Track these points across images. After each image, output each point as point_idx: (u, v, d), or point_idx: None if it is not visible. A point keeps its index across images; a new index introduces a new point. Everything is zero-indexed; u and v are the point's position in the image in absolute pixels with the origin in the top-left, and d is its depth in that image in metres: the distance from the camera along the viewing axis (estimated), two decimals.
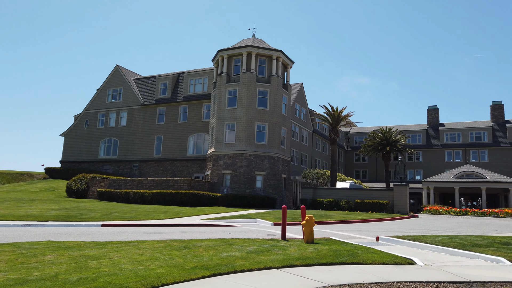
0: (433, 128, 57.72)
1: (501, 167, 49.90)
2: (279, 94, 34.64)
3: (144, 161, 41.74)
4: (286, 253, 8.60)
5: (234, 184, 32.13)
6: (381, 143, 46.40)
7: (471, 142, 53.59)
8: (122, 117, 44.41)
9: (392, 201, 29.97)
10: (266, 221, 18.85)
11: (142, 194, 29.75)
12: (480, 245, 10.30)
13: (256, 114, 33.31)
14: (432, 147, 55.57)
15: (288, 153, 36.55)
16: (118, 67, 46.21)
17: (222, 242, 10.08)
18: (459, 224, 21.17)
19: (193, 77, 41.23)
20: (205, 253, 8.27)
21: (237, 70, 34.61)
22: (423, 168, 55.34)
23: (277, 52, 34.58)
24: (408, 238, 11.84)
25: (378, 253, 8.96)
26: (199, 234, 13.14)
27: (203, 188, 31.53)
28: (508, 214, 32.18)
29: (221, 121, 33.88)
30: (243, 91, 33.54)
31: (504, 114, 54.85)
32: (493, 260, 8.70)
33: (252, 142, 32.85)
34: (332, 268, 7.40)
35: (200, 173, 38.16)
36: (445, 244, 10.42)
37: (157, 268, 6.69)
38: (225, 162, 32.94)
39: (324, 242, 10.56)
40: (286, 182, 35.27)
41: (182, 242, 10.02)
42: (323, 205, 31.22)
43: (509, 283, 6.56)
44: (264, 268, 7.11)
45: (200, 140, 39.36)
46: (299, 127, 45.11)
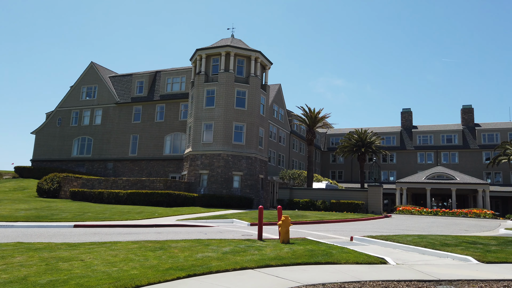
0: (407, 130, 59.25)
1: (471, 169, 51.75)
2: (257, 95, 34.73)
3: (119, 160, 40.96)
4: (262, 253, 8.64)
5: (211, 184, 31.99)
6: (356, 145, 47.26)
7: (443, 144, 55.33)
8: (97, 115, 43.44)
9: (366, 202, 30.57)
10: (243, 221, 18.87)
11: (117, 194, 29.19)
12: (449, 245, 10.65)
13: (234, 114, 33.28)
14: (405, 149, 57.03)
15: (266, 154, 36.69)
16: (93, 64, 45.18)
17: (198, 242, 10.03)
18: (430, 224, 21.81)
19: (170, 76, 40.79)
20: (181, 254, 8.21)
21: (216, 69, 34.48)
22: (396, 169, 56.71)
23: (256, 53, 34.66)
24: (381, 238, 12.11)
25: (352, 252, 9.12)
26: (174, 234, 13.01)
27: (179, 188, 31.23)
28: (476, 214, 33.40)
29: (198, 121, 33.66)
30: (221, 91, 33.45)
31: (473, 117, 56.88)
32: (461, 259, 9.01)
33: (229, 142, 32.79)
34: (307, 268, 7.49)
35: (176, 173, 37.80)
36: (416, 244, 10.72)
37: (131, 270, 6.59)
38: (202, 162, 32.75)
39: (300, 242, 10.67)
40: (264, 182, 35.40)
41: (157, 243, 9.90)
42: (299, 205, 31.51)
43: (476, 281, 6.82)
44: (240, 268, 7.12)
45: (177, 140, 38.97)
46: (277, 127, 45.36)
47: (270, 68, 37.45)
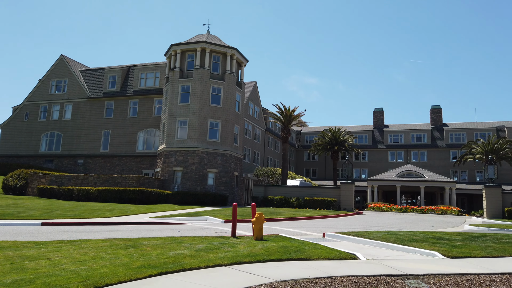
0: (378, 129, 60.66)
1: (438, 167, 53.60)
2: (233, 92, 34.64)
3: (90, 156, 39.92)
4: (236, 250, 8.65)
5: (186, 181, 31.71)
6: (330, 143, 47.99)
7: (412, 143, 57.01)
8: (67, 110, 42.13)
9: (339, 199, 31.13)
10: (217, 218, 18.82)
11: (87, 191, 28.46)
12: (417, 240, 11.01)
13: (209, 111, 33.07)
14: (377, 147, 58.40)
15: (241, 151, 36.69)
16: (63, 57, 43.74)
17: (171, 240, 9.93)
18: (399, 221, 22.45)
19: (144, 71, 40.05)
20: (153, 252, 8.11)
21: (191, 65, 34.13)
22: (368, 167, 58.00)
23: (232, 50, 34.53)
24: (352, 234, 12.37)
25: (324, 248, 9.28)
26: (147, 232, 12.83)
27: (152, 186, 30.78)
28: (443, 211, 34.65)
29: (173, 117, 33.25)
30: (196, 87, 33.15)
31: (442, 117, 58.91)
32: (428, 254, 9.33)
33: (204, 139, 32.58)
34: (280, 264, 7.55)
35: (150, 170, 37.22)
36: (386, 240, 11.02)
37: (101, 268, 6.45)
38: (176, 159, 32.39)
39: (273, 239, 10.75)
40: (238, 179, 35.40)
41: (128, 240, 9.73)
42: (274, 203, 31.72)
43: (442, 275, 7.09)
44: (213, 265, 7.11)
45: (151, 136, 38.37)
46: (252, 125, 45.42)
47: (246, 66, 37.42)
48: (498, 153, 41.29)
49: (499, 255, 9.09)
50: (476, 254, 9.06)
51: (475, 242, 10.87)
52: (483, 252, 9.29)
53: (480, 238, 11.78)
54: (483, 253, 9.23)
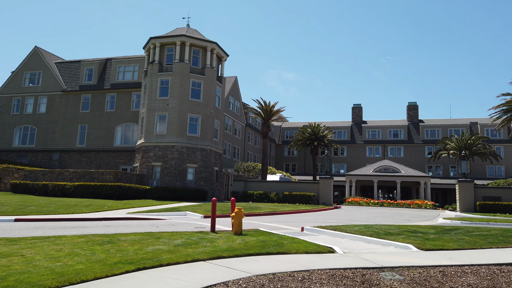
0: (357, 125, 61.59)
1: (414, 162, 54.92)
2: (213, 87, 34.43)
3: (65, 151, 38.97)
4: (215, 245, 8.65)
5: (165, 176, 31.40)
6: (310, 138, 48.42)
7: (390, 139, 58.16)
8: (41, 103, 40.92)
9: (318, 193, 31.49)
10: (196, 213, 18.74)
11: (63, 187, 27.80)
12: (392, 234, 11.27)
13: (189, 105, 32.78)
14: (355, 143, 59.31)
15: (221, 146, 36.57)
16: (37, 49, 42.40)
17: (149, 235, 9.84)
18: (376, 215, 22.93)
19: (122, 64, 39.27)
20: (130, 247, 8.01)
21: (170, 59, 33.69)
22: (347, 162, 58.87)
23: (212, 44, 34.26)
24: (330, 228, 12.56)
25: (302, 242, 9.38)
26: (124, 228, 12.66)
27: (131, 181, 30.35)
28: (419, 205, 35.58)
29: (152, 111, 32.80)
30: (176, 82, 32.77)
31: (418, 114, 60.30)
32: (403, 247, 9.57)
33: (184, 134, 32.30)
34: (258, 258, 7.60)
35: (128, 165, 36.65)
36: (363, 233, 11.24)
37: (76, 264, 6.34)
38: (155, 153, 32.01)
39: (252, 234, 10.79)
40: (218, 174, 35.31)
41: (105, 236, 9.59)
42: (253, 198, 31.81)
43: (415, 267, 7.29)
44: (192, 260, 7.08)
45: (129, 131, 37.74)
46: (233, 120, 45.31)
47: (226, 60, 37.22)
48: (471, 148, 42.62)
49: (470, 248, 9.42)
50: (449, 247, 9.35)
51: (447, 235, 11.22)
52: (455, 245, 9.60)
53: (452, 231, 12.16)
54: (455, 245, 9.54)
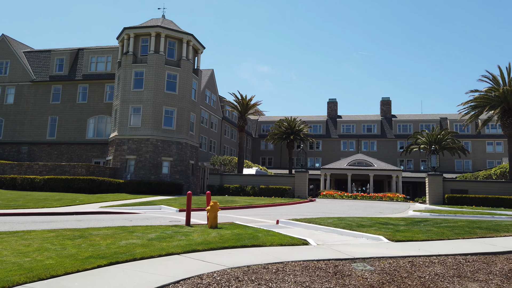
0: (332, 120, 62.46)
1: (387, 156, 56.31)
2: (189, 79, 34.03)
3: (35, 144, 37.68)
4: (189, 238, 8.61)
5: (139, 170, 30.92)
6: (286, 132, 48.76)
7: (363, 133, 59.35)
8: (9, 93, 39.33)
9: (293, 187, 31.83)
10: (171, 207, 18.58)
11: (32, 180, 26.93)
12: (364, 226, 11.55)
13: (164, 98, 32.31)
14: (330, 137, 60.18)
15: (197, 139, 36.30)
16: (5, 37, 40.62)
17: (122, 229, 9.69)
18: (349, 207, 23.41)
19: (95, 55, 38.19)
20: (103, 242, 7.87)
21: (145, 50, 33.03)
22: (322, 156, 59.69)
23: (188, 36, 33.80)
24: (305, 220, 12.74)
25: (277, 235, 9.47)
26: (97, 222, 12.41)
27: (104, 174, 29.72)
28: (390, 198, 36.56)
29: (125, 104, 32.13)
30: (150, 73, 32.19)
31: (391, 109, 61.73)
32: (375, 238, 9.82)
33: (159, 127, 31.86)
34: (233, 252, 7.62)
35: (101, 158, 35.84)
36: (336, 225, 11.46)
37: (46, 260, 6.17)
38: (129, 147, 31.44)
39: (228, 227, 10.81)
40: (194, 168, 35.08)
41: (76, 231, 9.37)
42: (229, 191, 31.82)
43: (386, 258, 7.51)
44: (166, 254, 7.03)
45: (102, 123, 36.86)
46: (209, 113, 45.01)
47: (202, 53, 36.84)
48: (440, 143, 44.07)
49: (438, 238, 9.76)
50: (418, 238, 9.66)
51: (417, 227, 11.59)
52: (424, 236, 9.93)
53: (421, 223, 12.57)
54: (424, 236, 9.87)
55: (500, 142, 53.98)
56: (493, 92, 29.45)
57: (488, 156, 54.58)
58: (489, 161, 54.20)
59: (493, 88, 29.70)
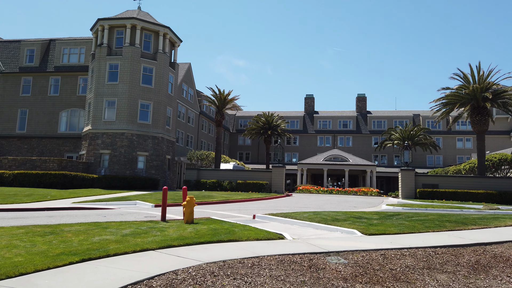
0: (309, 115, 63.05)
1: (362, 152, 57.40)
2: (166, 73, 33.54)
3: (3, 137, 36.31)
4: (165, 234, 8.54)
5: (114, 164, 30.33)
6: (263, 127, 48.88)
7: (339, 129, 60.23)
8: None
9: (270, 182, 31.99)
10: (147, 203, 18.34)
11: (1, 175, 25.97)
12: (339, 220, 11.75)
13: (140, 91, 31.74)
14: (307, 132, 60.76)
15: (174, 134, 35.90)
16: None
17: (96, 225, 9.50)
18: (325, 202, 23.76)
19: (67, 46, 37.04)
20: (75, 238, 7.69)
21: (120, 43, 32.29)
22: (299, 151, 60.24)
23: (165, 28, 33.26)
24: (281, 215, 12.84)
25: (253, 230, 9.52)
26: (69, 218, 12.11)
27: (77, 169, 28.99)
28: (365, 192, 37.32)
29: (100, 97, 31.38)
30: (126, 66, 31.52)
31: (366, 105, 62.83)
32: (349, 232, 10.02)
33: (134, 121, 31.30)
34: (209, 247, 7.61)
35: (73, 153, 34.93)
36: (311, 220, 11.61)
37: (15, 257, 5.98)
38: (103, 141, 30.76)
39: (204, 222, 10.77)
40: (171, 163, 34.70)
41: (48, 227, 9.12)
42: (206, 186, 31.67)
43: (359, 251, 7.67)
44: (140, 250, 6.94)
45: (75, 117, 35.88)
46: (186, 107, 44.54)
47: (179, 46, 36.35)
48: (413, 139, 45.25)
49: (409, 232, 10.05)
50: (390, 231, 9.92)
51: (389, 221, 11.89)
52: (396, 229, 10.20)
53: (394, 217, 12.91)
54: (396, 230, 10.14)
55: (470, 138, 55.95)
56: (464, 90, 30.41)
57: (458, 151, 56.49)
58: (459, 156, 56.13)
59: (463, 86, 30.65)
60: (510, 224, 11.57)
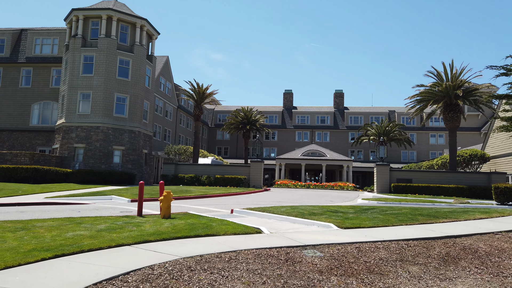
0: (288, 111, 63.39)
1: (339, 147, 58.23)
2: (143, 65, 32.95)
3: None
4: (141, 229, 8.44)
5: (88, 159, 29.66)
6: (242, 122, 48.84)
7: (317, 124, 60.85)
8: None
9: (249, 176, 32.06)
10: (123, 197, 18.06)
11: None
12: (316, 214, 11.91)
13: (116, 84, 31.08)
14: (286, 128, 61.10)
15: (151, 128, 35.39)
16: None
17: (69, 221, 9.28)
18: (302, 196, 24.01)
19: (40, 36, 35.82)
20: (47, 234, 7.50)
21: (95, 34, 31.47)
22: (277, 146, 60.54)
23: (142, 20, 32.62)
24: (259, 209, 12.91)
25: (231, 224, 9.53)
26: (42, 213, 11.79)
27: (50, 163, 28.21)
28: (341, 187, 37.92)
29: (74, 89, 30.54)
30: (101, 58, 30.77)
31: (344, 101, 63.70)
32: (325, 226, 10.17)
33: (110, 115, 30.66)
34: (186, 241, 7.57)
35: (46, 147, 33.94)
36: (289, 214, 11.73)
37: None
38: (78, 135, 30.01)
39: (181, 217, 10.71)
40: (147, 157, 34.23)
41: (19, 222, 8.86)
42: (184, 181, 31.44)
43: (335, 244, 7.81)
44: (116, 245, 6.84)
45: (48, 109, 34.82)
46: (164, 101, 43.95)
47: (157, 39, 35.76)
48: (388, 135, 46.24)
49: (383, 225, 10.30)
50: (365, 225, 10.13)
51: (364, 214, 12.14)
52: (370, 223, 10.43)
53: (369, 211, 13.19)
54: (371, 223, 10.37)
55: (442, 135, 57.64)
56: (437, 87, 31.24)
57: (431, 147, 58.12)
58: (432, 152, 57.76)
59: (437, 83, 31.49)
60: (479, 218, 12.02)
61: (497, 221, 11.40)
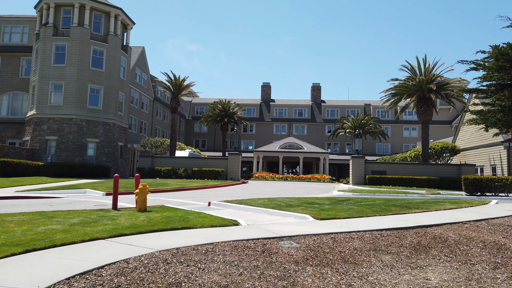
0: (266, 103, 63.49)
1: (316, 140, 58.89)
2: (117, 56, 32.18)
3: None
4: (116, 222, 8.30)
5: (61, 151, 28.87)
6: (220, 114, 48.59)
7: (295, 117, 61.27)
8: None
9: (226, 169, 32.01)
10: (98, 191, 17.71)
11: None
12: (292, 205, 12.04)
13: (90, 75, 30.26)
14: (264, 120, 61.23)
15: (126, 120, 34.72)
16: None
17: (41, 215, 9.03)
18: (279, 188, 24.21)
19: (8, 24, 34.37)
20: (18, 228, 7.28)
21: (67, 23, 30.46)
22: (255, 139, 60.65)
23: (116, 9, 31.78)
24: (236, 202, 12.93)
25: (208, 217, 9.51)
26: (12, 207, 11.41)
27: (20, 156, 27.29)
28: (318, 179, 38.44)
29: (45, 80, 29.55)
30: (74, 48, 29.85)
31: (321, 94, 64.31)
32: (301, 217, 10.30)
33: (84, 106, 29.87)
34: (162, 234, 7.51)
35: (16, 139, 32.78)
36: (266, 206, 11.81)
37: None
38: (49, 127, 29.12)
39: (158, 210, 10.60)
40: (123, 150, 33.61)
41: None
42: (161, 174, 31.09)
43: (311, 235, 7.93)
44: (90, 239, 6.71)
45: (17, 100, 33.57)
46: (139, 93, 43.15)
47: (132, 29, 34.96)
48: (364, 128, 47.08)
49: (358, 216, 10.52)
50: (340, 216, 10.32)
51: (340, 206, 12.37)
52: (345, 214, 10.63)
53: (344, 202, 13.44)
54: (346, 214, 10.57)
55: (415, 128, 59.17)
56: (411, 82, 31.96)
57: (405, 140, 59.60)
58: (406, 145, 59.26)
59: (411, 78, 32.22)
60: (449, 208, 12.45)
61: (466, 211, 11.84)
